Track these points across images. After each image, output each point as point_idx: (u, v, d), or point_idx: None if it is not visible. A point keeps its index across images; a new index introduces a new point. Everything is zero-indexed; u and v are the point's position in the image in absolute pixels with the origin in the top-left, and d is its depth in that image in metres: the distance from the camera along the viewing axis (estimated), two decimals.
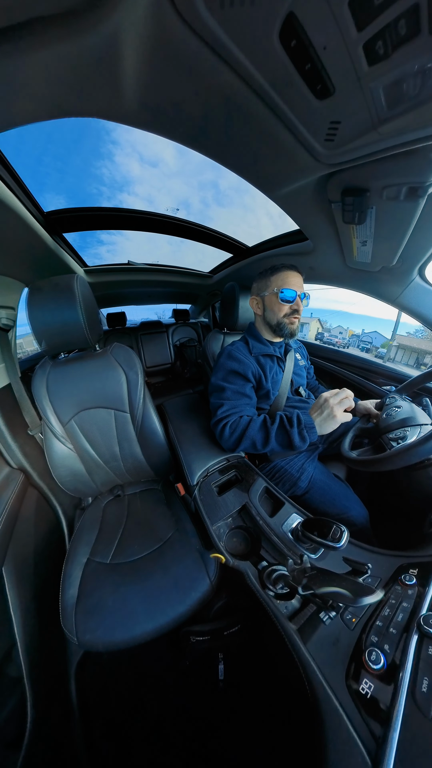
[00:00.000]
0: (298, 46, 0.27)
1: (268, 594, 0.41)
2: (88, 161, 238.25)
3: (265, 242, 1.11)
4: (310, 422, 0.64)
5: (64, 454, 0.81)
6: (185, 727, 0.65)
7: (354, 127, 0.35)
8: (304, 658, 0.34)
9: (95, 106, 0.38)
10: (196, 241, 1.22)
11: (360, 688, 0.29)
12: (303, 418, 0.65)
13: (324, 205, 0.59)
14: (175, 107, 0.39)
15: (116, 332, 2.30)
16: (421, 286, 0.76)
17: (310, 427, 0.63)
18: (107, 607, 0.56)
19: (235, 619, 0.66)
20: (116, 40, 0.28)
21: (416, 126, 0.32)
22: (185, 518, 0.76)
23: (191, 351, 2.38)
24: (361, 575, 0.38)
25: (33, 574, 0.68)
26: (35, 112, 0.37)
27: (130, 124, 0.43)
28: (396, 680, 0.28)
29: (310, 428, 0.63)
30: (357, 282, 0.91)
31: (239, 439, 0.68)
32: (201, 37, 0.28)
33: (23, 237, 0.67)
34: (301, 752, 0.36)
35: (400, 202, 0.46)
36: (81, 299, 0.71)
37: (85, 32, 0.27)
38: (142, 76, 0.33)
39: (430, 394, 0.88)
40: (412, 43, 0.24)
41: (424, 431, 0.58)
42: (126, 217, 0.99)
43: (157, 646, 0.62)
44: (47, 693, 0.62)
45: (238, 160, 0.52)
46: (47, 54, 0.29)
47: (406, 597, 0.36)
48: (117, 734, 0.65)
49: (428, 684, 0.27)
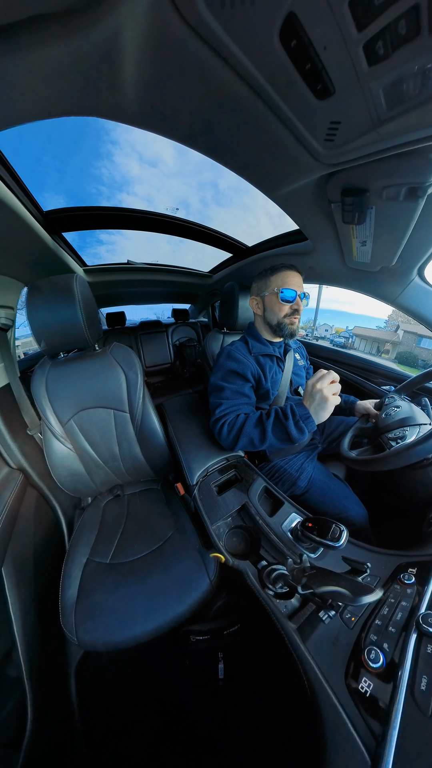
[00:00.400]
0: (298, 46, 0.27)
1: (268, 593, 0.42)
2: (87, 161, 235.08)
3: (265, 242, 1.11)
4: (305, 413, 0.63)
5: (64, 454, 0.81)
6: (186, 726, 0.65)
7: (354, 128, 0.36)
8: (303, 657, 0.34)
9: (95, 105, 0.38)
10: (195, 241, 1.22)
11: (359, 687, 0.30)
12: (297, 410, 0.64)
13: (324, 205, 0.59)
14: (174, 106, 0.39)
15: (115, 332, 2.29)
16: (421, 287, 0.76)
17: (305, 417, 0.62)
18: (107, 607, 0.56)
19: (234, 619, 0.66)
20: (116, 39, 0.28)
21: (416, 126, 0.32)
22: (185, 518, 0.76)
23: (191, 351, 2.37)
24: (361, 574, 0.38)
25: (33, 575, 0.68)
26: (34, 110, 0.37)
27: (130, 123, 0.43)
28: (395, 679, 0.28)
29: (305, 418, 0.62)
30: (356, 282, 0.91)
31: (237, 436, 0.68)
32: (201, 37, 0.28)
33: (22, 236, 0.67)
34: (301, 751, 0.36)
35: (400, 202, 0.46)
36: (80, 299, 0.71)
37: (85, 31, 0.27)
38: (141, 75, 0.33)
39: (429, 394, 0.88)
40: (412, 44, 0.24)
41: (423, 431, 0.58)
42: (125, 217, 0.99)
43: (158, 645, 0.62)
44: (47, 693, 0.62)
45: (238, 160, 0.52)
46: (47, 52, 0.29)
47: (405, 596, 0.36)
48: (117, 734, 0.65)
49: (427, 682, 0.27)
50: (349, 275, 0.88)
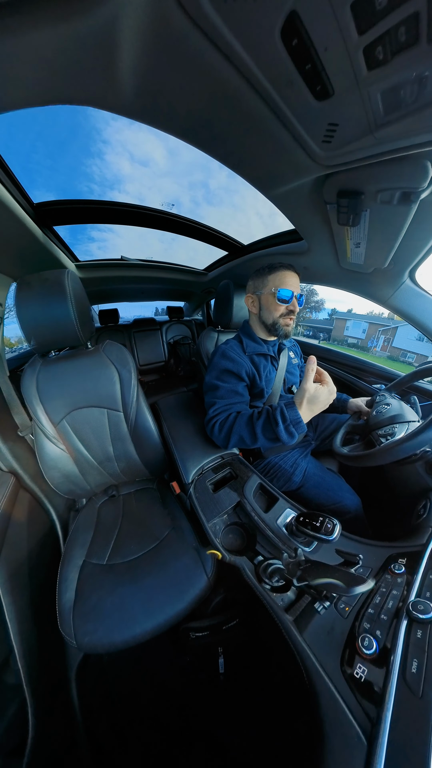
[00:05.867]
0: (299, 45, 0.27)
1: (265, 587, 0.43)
2: (78, 159, 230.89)
3: (260, 241, 1.11)
4: (296, 417, 0.61)
5: (56, 455, 0.79)
6: (189, 721, 0.66)
7: (351, 130, 0.36)
8: (300, 647, 0.35)
9: (88, 94, 0.37)
10: (189, 238, 1.20)
11: (354, 673, 0.31)
12: (288, 414, 0.62)
13: (319, 206, 0.59)
14: (171, 99, 0.38)
15: (108, 329, 2.24)
16: (412, 289, 0.79)
17: (296, 422, 0.61)
18: (105, 608, 0.56)
19: (233, 614, 0.67)
20: (113, 26, 0.27)
21: (412, 133, 0.33)
22: (181, 516, 0.76)
23: (185, 349, 2.36)
24: (353, 566, 0.40)
25: (28, 579, 0.66)
26: (24, 97, 0.35)
27: (124, 114, 0.41)
28: (388, 663, 0.30)
29: (296, 423, 0.61)
30: (350, 283, 0.93)
31: (228, 435, 0.68)
32: (202, 30, 0.27)
33: (11, 229, 0.64)
34: (300, 735, 0.37)
35: (394, 206, 0.47)
36: (72, 295, 0.69)
37: (80, 15, 0.26)
38: (139, 65, 0.32)
39: (418, 392, 0.92)
40: (411, 51, 0.25)
41: (412, 428, 0.61)
42: (119, 211, 0.96)
43: (158, 644, 0.62)
44: (48, 699, 0.61)
45: (234, 157, 0.51)
46: (39, 36, 0.27)
47: (396, 585, 0.38)
48: (121, 734, 0.65)
49: (417, 665, 0.28)
50: (342, 276, 0.90)
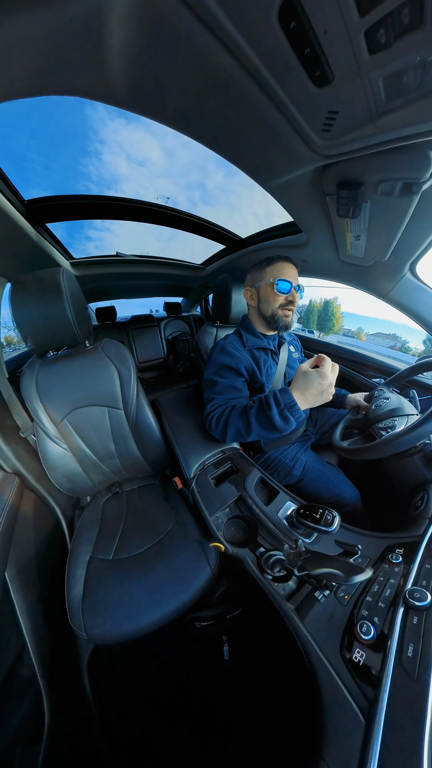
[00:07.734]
0: (297, 28, 0.26)
1: (267, 577, 0.44)
2: (75, 159, 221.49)
3: (259, 234, 1.09)
4: (290, 401, 0.58)
5: (59, 454, 0.79)
6: (196, 706, 0.69)
7: (352, 118, 0.35)
8: (302, 634, 0.36)
9: (77, 84, 0.35)
10: (187, 237, 1.18)
11: (353, 657, 0.32)
12: (282, 398, 0.58)
13: (319, 198, 0.58)
14: (164, 87, 0.36)
15: (106, 327, 2.22)
16: (412, 282, 0.77)
17: (290, 405, 0.58)
18: (113, 601, 0.58)
19: (236, 604, 0.69)
20: (102, 10, 0.25)
21: (414, 121, 0.32)
22: (184, 511, 0.78)
23: (184, 345, 2.34)
24: (352, 556, 0.41)
25: (37, 577, 0.68)
26: (9, 87, 0.34)
27: (115, 104, 0.40)
28: (385, 648, 0.31)
29: (290, 407, 0.58)
30: (349, 276, 0.91)
31: (224, 428, 0.68)
32: (195, 13, 0.26)
33: (1, 228, 0.62)
34: (302, 717, 0.39)
35: (395, 197, 0.46)
36: (68, 294, 0.67)
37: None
38: (130, 51, 0.31)
39: (416, 386, 0.92)
40: (414, 34, 0.23)
41: (411, 421, 0.61)
42: (112, 206, 0.93)
43: (165, 634, 0.64)
44: (62, 689, 0.64)
45: (231, 147, 0.49)
46: (23, 20, 0.26)
47: (393, 574, 0.39)
48: (132, 719, 0.68)
49: (413, 650, 0.30)
50: (342, 269, 0.88)
